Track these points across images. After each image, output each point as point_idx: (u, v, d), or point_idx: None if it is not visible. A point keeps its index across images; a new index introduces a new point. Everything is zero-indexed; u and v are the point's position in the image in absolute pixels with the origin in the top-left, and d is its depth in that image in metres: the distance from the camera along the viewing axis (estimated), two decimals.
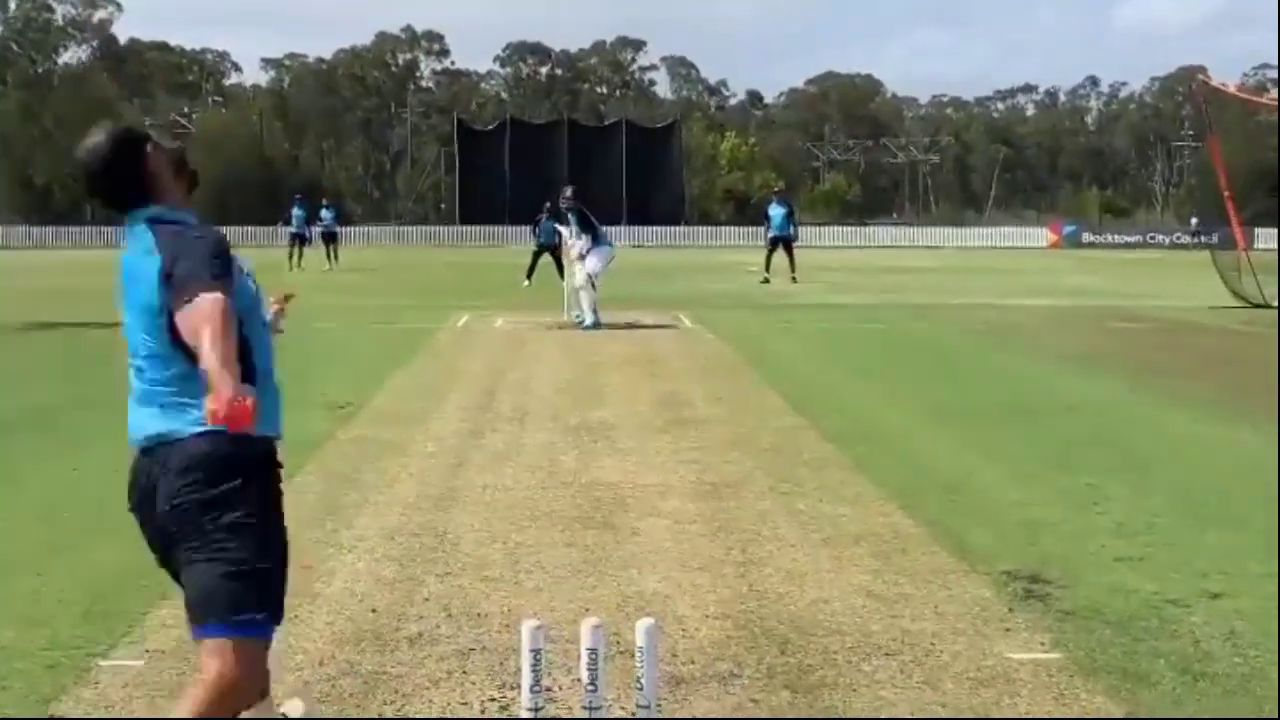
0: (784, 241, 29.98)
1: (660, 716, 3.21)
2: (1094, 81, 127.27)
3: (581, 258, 17.81)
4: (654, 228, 64.99)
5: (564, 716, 3.92)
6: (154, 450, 3.35)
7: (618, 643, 4.46)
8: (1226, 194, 23.67)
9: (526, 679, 2.84)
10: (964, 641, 4.70)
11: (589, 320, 17.44)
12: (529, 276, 27.11)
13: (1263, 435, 9.05)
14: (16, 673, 4.37)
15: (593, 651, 2.84)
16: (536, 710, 2.86)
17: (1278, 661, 4.50)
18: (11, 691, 4.22)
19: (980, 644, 4.67)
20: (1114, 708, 4.10)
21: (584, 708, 2.89)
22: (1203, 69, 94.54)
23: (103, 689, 4.25)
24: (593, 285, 17.65)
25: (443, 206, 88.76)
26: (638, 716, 3.05)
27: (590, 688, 2.87)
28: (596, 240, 18.01)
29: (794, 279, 28.35)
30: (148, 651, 4.57)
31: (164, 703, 4.10)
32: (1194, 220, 72.43)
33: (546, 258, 26.91)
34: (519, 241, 61.47)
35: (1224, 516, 6.67)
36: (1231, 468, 8.19)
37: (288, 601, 5.04)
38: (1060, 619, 4.96)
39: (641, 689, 2.91)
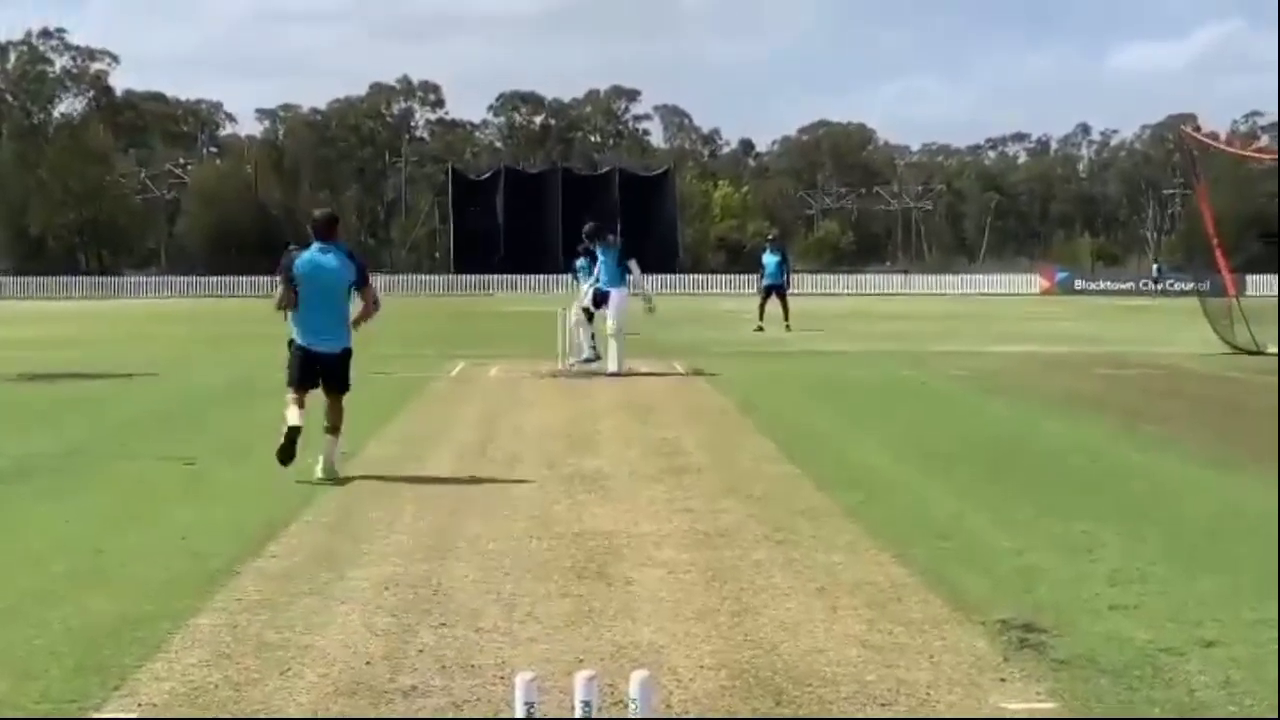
0: (777, 290, 30.10)
1: None
2: (1085, 129, 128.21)
3: (596, 305, 17.81)
4: (648, 275, 65.02)
5: None
6: (342, 351, 9.54)
7: (612, 693, 4.45)
8: (1215, 242, 23.79)
9: None
10: (959, 692, 4.69)
11: (612, 367, 17.42)
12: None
13: (1253, 480, 9.06)
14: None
15: (586, 704, 2.84)
16: None
17: (1278, 661, 4.51)
18: None
19: (976, 694, 4.66)
20: None
21: None
22: (1192, 117, 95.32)
23: None
24: (622, 332, 17.67)
25: (437, 255, 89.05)
26: None
27: None
28: (624, 278, 17.84)
29: (787, 327, 28.42)
30: (140, 705, 4.54)
31: None
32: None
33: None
34: (513, 290, 61.80)
35: (1217, 562, 6.67)
36: (1223, 513, 8.19)
37: (282, 654, 5.07)
38: (1055, 668, 4.94)
39: None
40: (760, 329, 28.50)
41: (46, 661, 5.01)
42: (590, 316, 18.12)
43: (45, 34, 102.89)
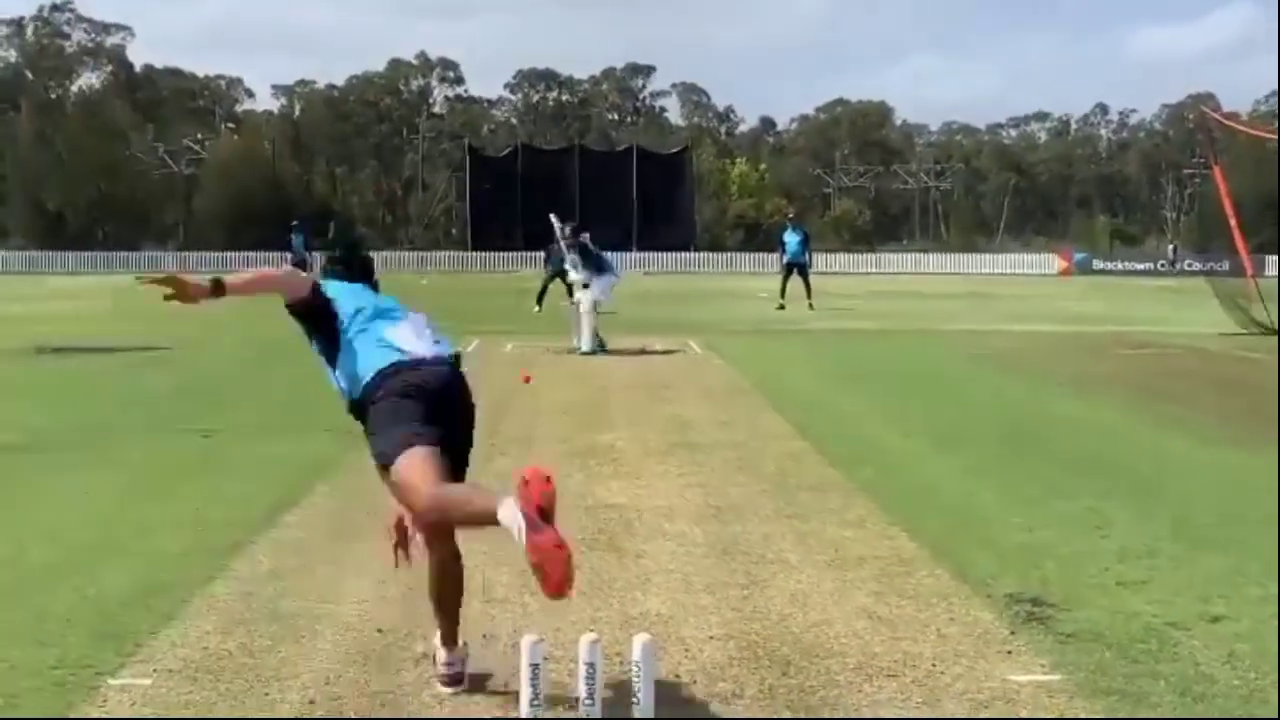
0: (799, 268, 30.11)
1: None
2: (1104, 109, 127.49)
3: (585, 286, 17.95)
4: (665, 254, 65.09)
5: None
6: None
7: (620, 662, 4.50)
8: (1234, 223, 23.69)
9: (525, 692, 2.88)
10: (965, 663, 4.73)
11: (586, 346, 17.55)
12: (539, 302, 27.24)
13: (1263, 459, 9.07)
14: (26, 690, 4.41)
15: (590, 665, 2.88)
16: None
17: (1278, 661, 4.54)
18: (21, 709, 4.26)
19: (981, 666, 4.70)
20: None
21: None
22: (1212, 96, 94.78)
23: (110, 707, 4.29)
24: (595, 310, 17.78)
25: (453, 231, 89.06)
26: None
27: (587, 701, 2.91)
28: (600, 271, 18.19)
29: (810, 305, 28.44)
30: (155, 671, 4.62)
31: None
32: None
33: (557, 281, 27.05)
34: (530, 267, 61.63)
35: (1224, 540, 6.69)
36: (1232, 491, 8.21)
37: (296, 622, 5.14)
38: (1061, 641, 4.99)
39: (638, 703, 2.95)
40: (782, 307, 28.51)
41: (63, 629, 5.09)
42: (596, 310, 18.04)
43: (57, 8, 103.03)
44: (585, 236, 19.20)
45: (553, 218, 19.73)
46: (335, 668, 4.66)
